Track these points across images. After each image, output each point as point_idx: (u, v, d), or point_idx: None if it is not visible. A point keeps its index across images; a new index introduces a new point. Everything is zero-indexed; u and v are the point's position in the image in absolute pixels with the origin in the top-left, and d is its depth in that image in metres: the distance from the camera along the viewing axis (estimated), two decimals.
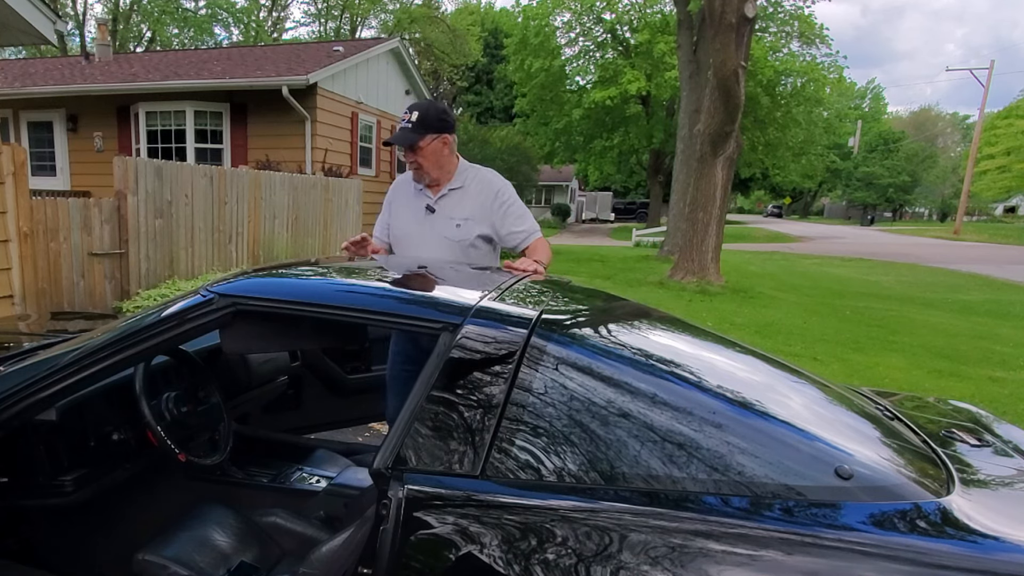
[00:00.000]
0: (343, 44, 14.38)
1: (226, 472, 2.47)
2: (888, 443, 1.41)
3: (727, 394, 1.35)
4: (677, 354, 1.59)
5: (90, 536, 2.16)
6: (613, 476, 1.21)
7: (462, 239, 2.47)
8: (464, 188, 2.52)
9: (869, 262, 16.82)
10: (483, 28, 35.28)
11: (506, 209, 2.51)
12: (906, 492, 1.18)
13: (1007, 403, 4.74)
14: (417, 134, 2.42)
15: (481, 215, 2.49)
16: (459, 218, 2.48)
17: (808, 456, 1.22)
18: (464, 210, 2.49)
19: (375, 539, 1.24)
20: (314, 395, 3.06)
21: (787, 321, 7.81)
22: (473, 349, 1.36)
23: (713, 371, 1.52)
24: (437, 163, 2.48)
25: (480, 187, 2.53)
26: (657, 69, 22.47)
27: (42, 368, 1.59)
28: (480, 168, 2.62)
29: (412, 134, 2.42)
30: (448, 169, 2.52)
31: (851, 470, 1.17)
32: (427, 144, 2.43)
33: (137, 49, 27.47)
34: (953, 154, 60.34)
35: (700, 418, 1.25)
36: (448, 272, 2.13)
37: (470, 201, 2.51)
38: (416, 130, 2.42)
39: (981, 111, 35.41)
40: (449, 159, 2.52)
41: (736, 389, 1.39)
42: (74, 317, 4.39)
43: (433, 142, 2.44)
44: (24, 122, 12.84)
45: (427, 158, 2.45)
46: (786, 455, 1.21)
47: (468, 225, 2.48)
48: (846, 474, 1.17)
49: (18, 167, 4.90)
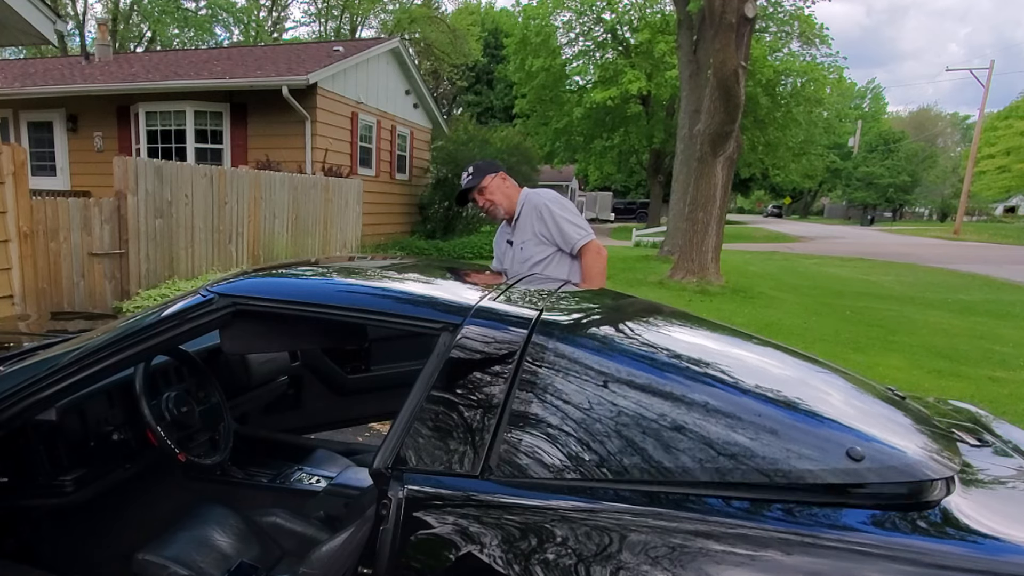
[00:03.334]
0: (343, 44, 14.38)
1: (226, 472, 2.47)
2: (913, 425, 1.42)
3: (746, 387, 1.32)
4: (688, 348, 1.55)
5: (90, 536, 2.16)
6: (615, 476, 1.21)
7: (525, 259, 2.95)
8: (522, 216, 2.99)
9: (869, 262, 16.81)
10: (483, 28, 35.26)
11: (555, 222, 2.91)
12: (924, 469, 1.18)
13: (1007, 403, 4.74)
14: (478, 179, 2.97)
15: (532, 233, 2.94)
16: (519, 242, 2.98)
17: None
18: (523, 234, 2.98)
19: (375, 539, 1.24)
20: (314, 395, 3.06)
21: (787, 321, 7.81)
22: (473, 349, 1.36)
23: (735, 365, 1.50)
24: (505, 195, 2.99)
25: (528, 210, 2.97)
26: (657, 69, 22.46)
27: (42, 368, 1.59)
28: (529, 192, 3.04)
29: (475, 179, 2.97)
30: (514, 199, 3.01)
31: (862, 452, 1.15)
32: (489, 183, 2.97)
33: (137, 49, 27.47)
34: (953, 154, 60.34)
35: (711, 413, 1.23)
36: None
37: (526, 224, 2.97)
38: (476, 177, 2.98)
39: (981, 111, 35.42)
40: (513, 189, 3.03)
41: (760, 382, 1.37)
42: (74, 317, 4.39)
43: (493, 180, 2.98)
44: (24, 122, 12.84)
45: (495, 193, 2.97)
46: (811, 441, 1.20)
47: (527, 247, 2.96)
48: (858, 456, 1.15)
49: (18, 167, 4.90)
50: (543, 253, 2.93)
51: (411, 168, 15.04)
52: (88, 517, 2.12)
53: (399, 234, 14.44)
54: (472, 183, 2.98)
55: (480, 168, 3.02)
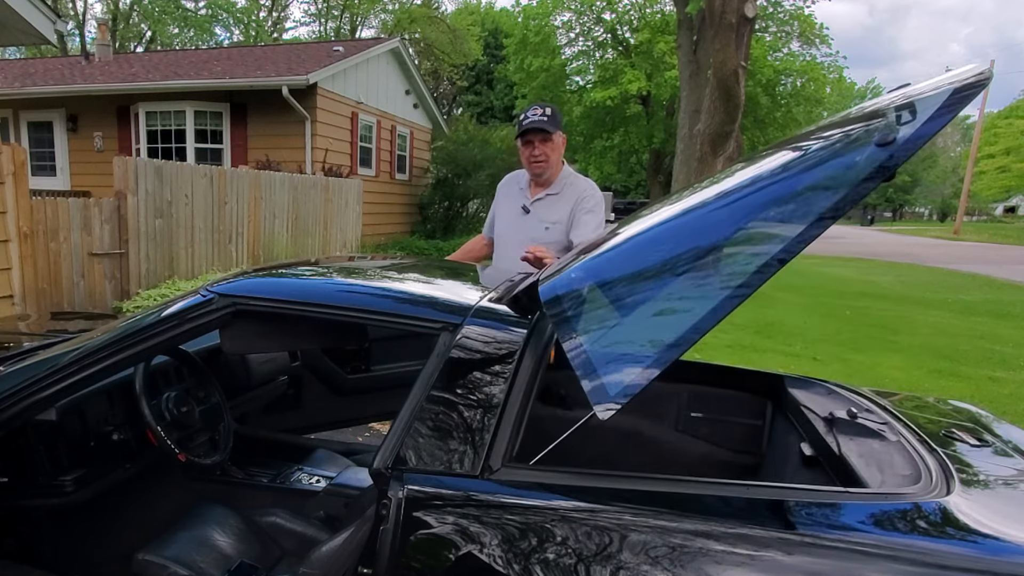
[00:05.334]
0: (343, 44, 14.37)
1: (226, 472, 2.47)
2: None
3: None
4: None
5: (90, 536, 2.16)
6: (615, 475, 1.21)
7: (549, 243, 2.48)
8: (560, 195, 2.61)
9: (869, 262, 16.82)
10: (483, 28, 35.24)
11: (582, 216, 2.55)
12: None
13: (1007, 403, 4.74)
14: (553, 126, 2.53)
15: (567, 220, 2.57)
16: (548, 221, 2.57)
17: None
18: (555, 214, 2.58)
19: (375, 539, 1.24)
20: (314, 395, 3.06)
21: (787, 321, 7.81)
22: (473, 349, 1.36)
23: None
24: (558, 159, 2.62)
25: (573, 192, 2.61)
26: (657, 69, 22.47)
27: (42, 368, 1.59)
28: (579, 177, 2.70)
29: (551, 124, 2.52)
30: (558, 170, 2.64)
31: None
32: (557, 137, 2.57)
33: (137, 49, 27.47)
34: (953, 154, 60.32)
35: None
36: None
37: (563, 206, 2.58)
38: (552, 123, 2.53)
39: (981, 111, 35.43)
40: (560, 159, 2.65)
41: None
42: (74, 317, 4.39)
43: (560, 137, 2.59)
44: (24, 122, 12.83)
45: (555, 151, 2.57)
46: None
47: (556, 229, 2.56)
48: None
49: (18, 167, 4.90)
50: (559, 246, 2.55)
51: (411, 168, 15.04)
52: (88, 517, 2.12)
53: (399, 234, 14.44)
54: (546, 125, 2.51)
55: (556, 116, 2.56)
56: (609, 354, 1.12)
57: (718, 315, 1.06)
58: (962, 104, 1.02)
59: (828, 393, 1.85)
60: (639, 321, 1.14)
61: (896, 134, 1.03)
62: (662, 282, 1.17)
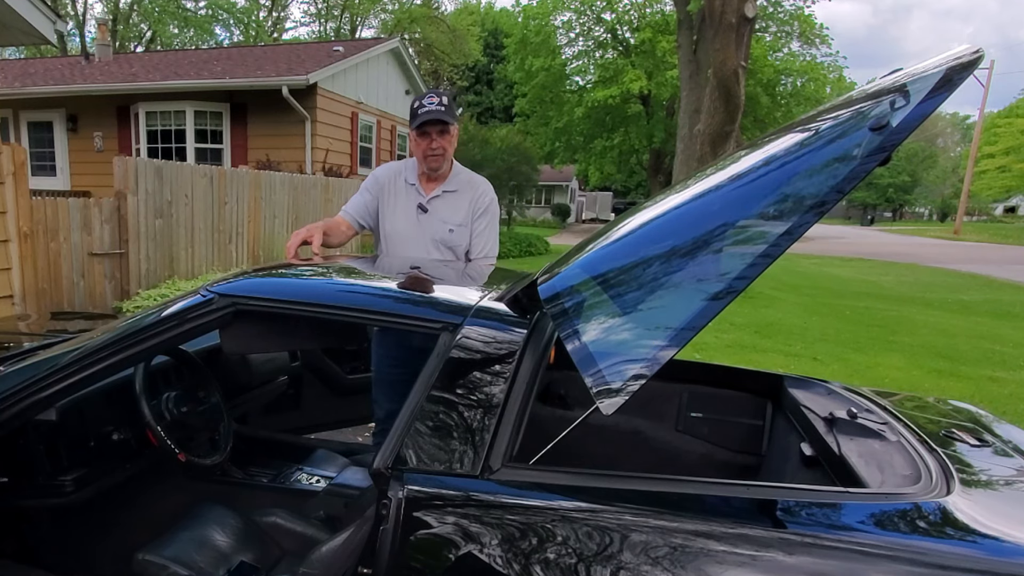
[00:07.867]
0: (343, 44, 14.37)
1: (226, 472, 2.47)
2: None
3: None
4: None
5: (90, 536, 2.16)
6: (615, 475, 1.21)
7: (455, 245, 2.41)
8: (458, 192, 2.45)
9: (869, 262, 16.82)
10: (483, 28, 35.25)
11: (483, 225, 2.45)
12: None
13: (1007, 403, 4.74)
14: (451, 118, 2.33)
15: (468, 221, 2.44)
16: (453, 223, 2.42)
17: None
18: (458, 216, 2.43)
19: (375, 539, 1.24)
20: (314, 395, 3.06)
21: (787, 321, 7.81)
22: (473, 349, 1.36)
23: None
24: (453, 151, 2.42)
25: (471, 190, 2.46)
26: (658, 68, 22.47)
27: (42, 368, 1.59)
28: (473, 175, 2.54)
29: (449, 114, 2.32)
30: (451, 163, 2.46)
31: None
32: (455, 129, 2.39)
33: (137, 49, 27.46)
34: (953, 154, 60.38)
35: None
36: (446, 272, 2.13)
37: (465, 207, 2.44)
38: (450, 114, 2.32)
39: (981, 111, 35.47)
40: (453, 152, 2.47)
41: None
42: (74, 317, 4.39)
43: (455, 129, 2.40)
44: (24, 122, 12.83)
45: (452, 144, 2.39)
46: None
47: (461, 232, 2.43)
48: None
49: (18, 167, 4.89)
50: (463, 249, 2.44)
51: None
52: (88, 517, 2.12)
53: None
54: (445, 116, 2.30)
55: (451, 108, 2.35)
56: (611, 348, 1.12)
57: (718, 305, 1.06)
58: (955, 84, 1.02)
59: (828, 393, 1.85)
60: (640, 315, 1.14)
61: (890, 118, 1.02)
62: (661, 275, 1.17)
